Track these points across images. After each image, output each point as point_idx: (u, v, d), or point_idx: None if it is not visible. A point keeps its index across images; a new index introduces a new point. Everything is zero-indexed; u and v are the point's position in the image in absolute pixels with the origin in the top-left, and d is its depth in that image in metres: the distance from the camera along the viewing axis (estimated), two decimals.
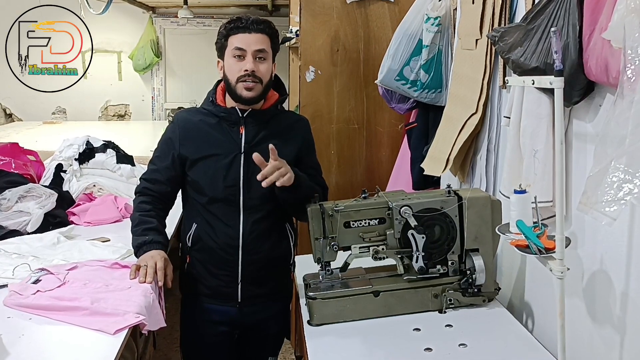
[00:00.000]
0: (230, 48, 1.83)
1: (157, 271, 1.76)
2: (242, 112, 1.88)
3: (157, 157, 1.96)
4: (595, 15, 1.21)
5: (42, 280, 1.74)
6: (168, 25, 6.71)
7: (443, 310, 1.69)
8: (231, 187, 1.85)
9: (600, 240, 1.32)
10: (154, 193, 1.93)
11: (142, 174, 2.01)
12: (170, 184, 1.94)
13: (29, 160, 2.90)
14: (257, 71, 1.82)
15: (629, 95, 0.97)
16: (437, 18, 2.24)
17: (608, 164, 0.97)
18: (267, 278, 1.94)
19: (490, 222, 1.67)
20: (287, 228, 1.97)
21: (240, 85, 1.82)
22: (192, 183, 1.90)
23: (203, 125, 1.89)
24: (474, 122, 1.94)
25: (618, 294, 1.26)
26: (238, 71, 1.81)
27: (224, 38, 1.85)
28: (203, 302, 1.94)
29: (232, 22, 1.84)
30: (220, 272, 1.90)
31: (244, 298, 1.91)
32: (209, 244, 1.89)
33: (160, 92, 6.84)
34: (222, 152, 1.86)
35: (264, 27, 1.84)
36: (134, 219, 1.92)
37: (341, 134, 2.86)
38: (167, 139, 1.94)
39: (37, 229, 2.32)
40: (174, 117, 2.00)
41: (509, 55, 1.49)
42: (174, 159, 1.90)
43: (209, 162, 1.86)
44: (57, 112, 6.79)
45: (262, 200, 1.87)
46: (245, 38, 1.81)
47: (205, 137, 1.88)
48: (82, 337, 1.50)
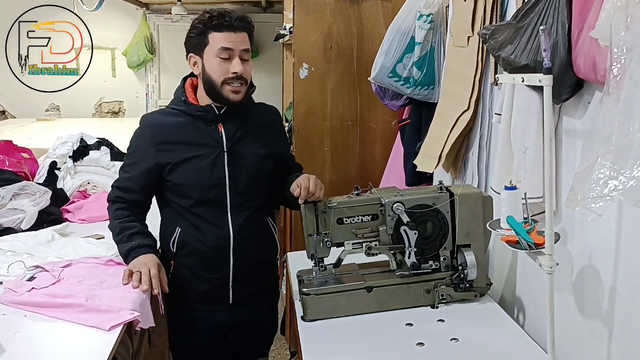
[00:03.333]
0: (214, 47, 1.73)
1: (151, 278, 1.71)
2: (219, 110, 1.81)
3: (128, 164, 1.87)
4: (583, 13, 1.22)
5: (36, 278, 1.75)
6: (162, 22, 6.68)
7: (435, 306, 1.70)
8: (217, 187, 1.80)
9: (589, 236, 1.34)
10: (127, 201, 1.86)
11: (114, 180, 1.93)
12: (144, 192, 1.86)
13: (22, 158, 2.90)
14: (244, 73, 1.76)
15: (615, 92, 0.99)
16: (429, 15, 2.25)
17: (595, 161, 0.99)
18: (257, 276, 1.92)
19: (482, 218, 1.69)
20: (269, 222, 1.93)
21: (228, 88, 1.76)
22: (174, 187, 1.82)
23: (177, 126, 1.81)
24: (466, 119, 1.96)
25: (606, 288, 1.28)
26: (224, 73, 1.74)
27: (203, 34, 1.75)
28: (191, 309, 1.89)
29: (215, 18, 1.73)
30: (210, 276, 1.85)
31: (236, 299, 1.88)
32: (198, 247, 1.82)
33: (154, 88, 6.82)
34: (203, 152, 1.79)
35: (245, 24, 1.76)
36: (114, 227, 1.85)
37: (335, 130, 2.87)
38: (138, 145, 1.85)
39: (31, 226, 2.31)
40: (142, 122, 1.88)
41: (500, 52, 1.50)
42: (150, 167, 1.81)
43: (191, 164, 1.79)
44: (51, 109, 6.77)
45: (248, 197, 1.84)
46: (230, 37, 1.73)
47: (183, 139, 1.80)
48: (77, 334, 1.50)
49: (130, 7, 6.48)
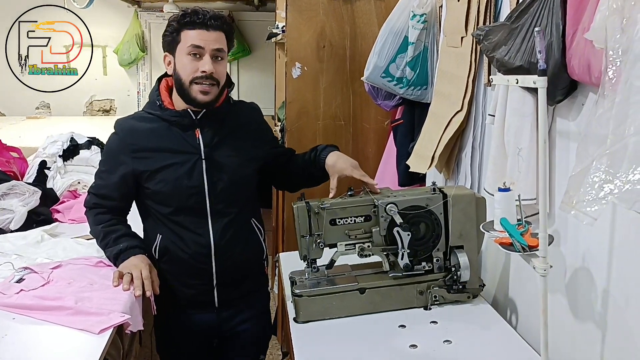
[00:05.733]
0: (185, 44, 1.69)
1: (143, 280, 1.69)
2: (196, 114, 1.76)
3: (104, 171, 1.82)
4: (578, 15, 1.22)
5: (25, 279, 1.73)
6: (153, 20, 6.64)
7: (428, 307, 1.70)
8: (196, 195, 1.75)
9: (583, 238, 1.34)
10: (105, 207, 1.83)
11: (89, 186, 1.89)
12: (122, 200, 1.84)
13: (12, 157, 2.87)
14: (215, 72, 1.70)
15: (610, 95, 0.98)
16: (422, 15, 2.25)
17: (589, 164, 0.98)
18: (242, 279, 1.89)
19: (475, 219, 1.68)
20: (253, 223, 1.89)
21: (196, 88, 1.70)
22: (153, 195, 1.78)
23: (152, 133, 1.75)
24: (459, 120, 1.95)
25: (600, 290, 1.28)
26: (193, 71, 1.69)
27: (176, 32, 1.71)
28: (178, 313, 1.87)
29: (188, 16, 1.69)
30: (194, 282, 1.82)
31: (221, 302, 1.86)
32: (179, 254, 1.79)
33: (146, 87, 6.77)
34: (180, 160, 1.74)
35: (221, 23, 1.71)
36: (97, 232, 1.82)
37: (327, 130, 2.86)
38: (113, 153, 1.79)
39: (20, 226, 2.29)
40: (117, 128, 1.81)
41: (494, 54, 1.49)
42: (125, 175, 1.77)
43: (168, 172, 1.74)
44: (41, 107, 6.71)
45: (228, 203, 1.80)
46: (202, 35, 1.68)
47: (159, 146, 1.74)
48: (66, 337, 1.49)
49: (121, 4, 6.44)
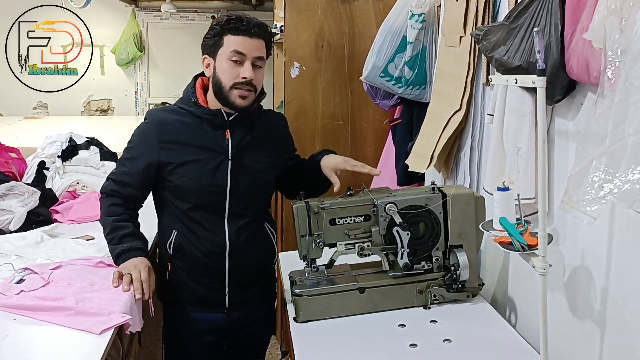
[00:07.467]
0: (228, 49, 1.72)
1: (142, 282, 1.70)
2: (228, 116, 1.79)
3: (129, 158, 1.82)
4: (576, 15, 1.22)
5: (26, 280, 1.73)
6: (151, 19, 6.63)
7: (428, 306, 1.70)
8: (217, 194, 1.77)
9: (582, 237, 1.34)
10: (123, 196, 1.83)
11: (110, 172, 1.89)
12: (141, 189, 1.84)
13: (10, 158, 2.86)
14: (254, 79, 1.74)
15: (609, 95, 0.99)
16: (421, 15, 2.25)
17: (589, 164, 0.99)
18: (254, 281, 1.91)
19: (474, 218, 1.69)
20: (266, 227, 1.91)
21: (235, 93, 1.73)
22: (174, 188, 1.79)
23: (184, 126, 1.78)
24: (458, 119, 1.96)
25: (598, 289, 1.29)
26: (234, 77, 1.72)
27: (219, 36, 1.73)
28: (188, 311, 1.87)
29: (232, 22, 1.72)
30: (206, 280, 1.83)
31: (232, 303, 1.87)
32: (193, 252, 1.80)
33: (143, 86, 6.77)
34: (206, 157, 1.77)
35: (263, 32, 1.75)
36: (106, 224, 1.82)
37: (326, 130, 2.87)
38: (141, 140, 1.81)
39: (19, 227, 2.29)
40: (148, 117, 1.84)
41: (492, 53, 1.50)
42: (150, 165, 1.77)
43: (193, 168, 1.76)
44: (39, 107, 6.70)
45: (247, 205, 1.82)
46: (246, 42, 1.71)
47: (188, 140, 1.77)
48: (67, 338, 1.49)
49: (119, 4, 6.42)
